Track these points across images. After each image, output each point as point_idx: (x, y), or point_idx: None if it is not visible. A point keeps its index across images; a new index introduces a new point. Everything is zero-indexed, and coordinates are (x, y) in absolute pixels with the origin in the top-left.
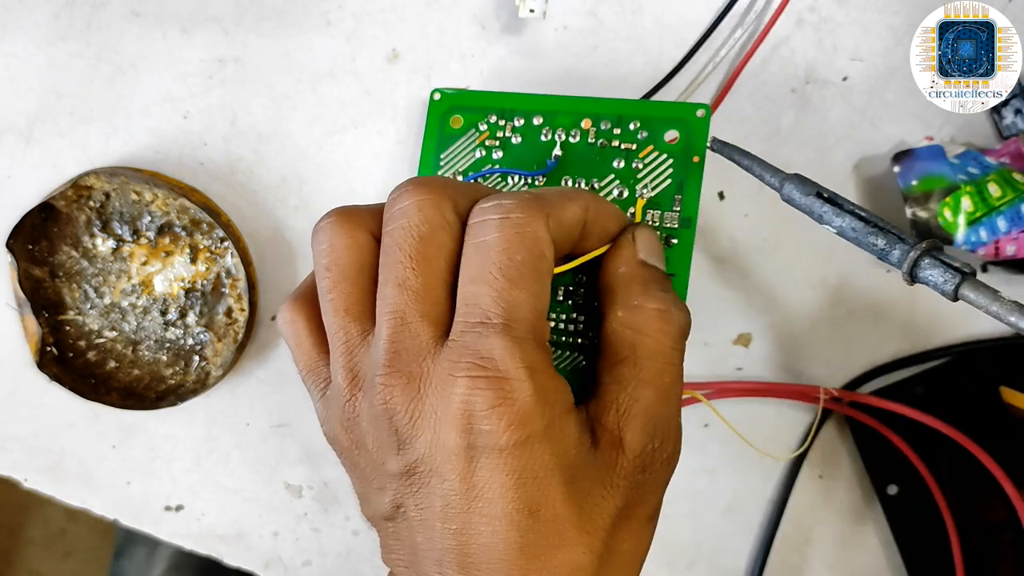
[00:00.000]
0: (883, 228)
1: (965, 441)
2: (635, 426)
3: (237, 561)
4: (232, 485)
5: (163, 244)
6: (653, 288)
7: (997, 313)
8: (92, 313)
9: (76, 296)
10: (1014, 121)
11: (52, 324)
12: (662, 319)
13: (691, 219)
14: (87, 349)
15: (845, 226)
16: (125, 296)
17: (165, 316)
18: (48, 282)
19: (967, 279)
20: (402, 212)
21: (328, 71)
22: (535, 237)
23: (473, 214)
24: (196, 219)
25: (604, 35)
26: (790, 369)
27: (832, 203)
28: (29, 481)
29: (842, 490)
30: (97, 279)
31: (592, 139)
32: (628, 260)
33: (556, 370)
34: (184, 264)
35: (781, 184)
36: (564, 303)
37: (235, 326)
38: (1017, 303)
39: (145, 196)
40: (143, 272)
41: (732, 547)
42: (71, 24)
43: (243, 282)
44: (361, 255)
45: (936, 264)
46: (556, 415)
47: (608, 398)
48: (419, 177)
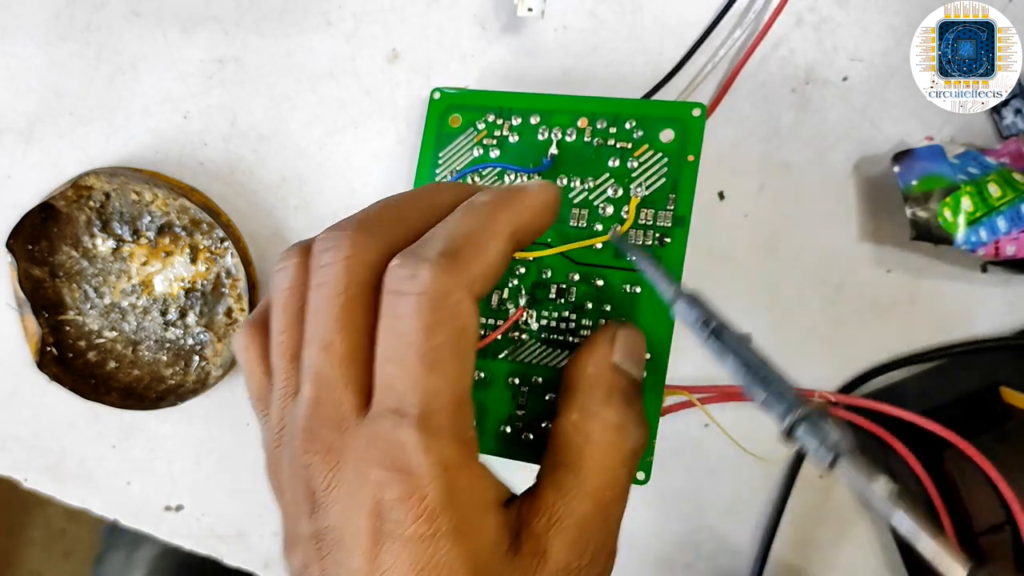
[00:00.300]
0: (768, 379)
1: (962, 443)
2: (564, 539)
3: (237, 561)
4: (232, 485)
5: (163, 244)
6: (616, 398)
7: (868, 500)
8: (92, 313)
9: (76, 296)
10: (1014, 121)
11: (52, 324)
12: (617, 434)
13: (685, 218)
14: (87, 349)
15: (727, 366)
16: (125, 296)
17: (165, 316)
18: (48, 282)
19: (843, 457)
20: (328, 271)
21: (328, 71)
22: (455, 312)
23: (387, 279)
24: (196, 219)
25: (604, 35)
26: (790, 369)
27: (717, 337)
28: (29, 481)
29: (842, 490)
30: (97, 279)
31: (588, 138)
32: (600, 360)
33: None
34: (184, 264)
35: (672, 300)
36: (555, 301)
37: (235, 326)
38: (892, 493)
39: (145, 196)
40: (143, 272)
41: (732, 547)
42: (71, 24)
43: (243, 282)
44: None
45: (814, 433)
46: (471, 513)
47: (542, 502)
48: (348, 223)
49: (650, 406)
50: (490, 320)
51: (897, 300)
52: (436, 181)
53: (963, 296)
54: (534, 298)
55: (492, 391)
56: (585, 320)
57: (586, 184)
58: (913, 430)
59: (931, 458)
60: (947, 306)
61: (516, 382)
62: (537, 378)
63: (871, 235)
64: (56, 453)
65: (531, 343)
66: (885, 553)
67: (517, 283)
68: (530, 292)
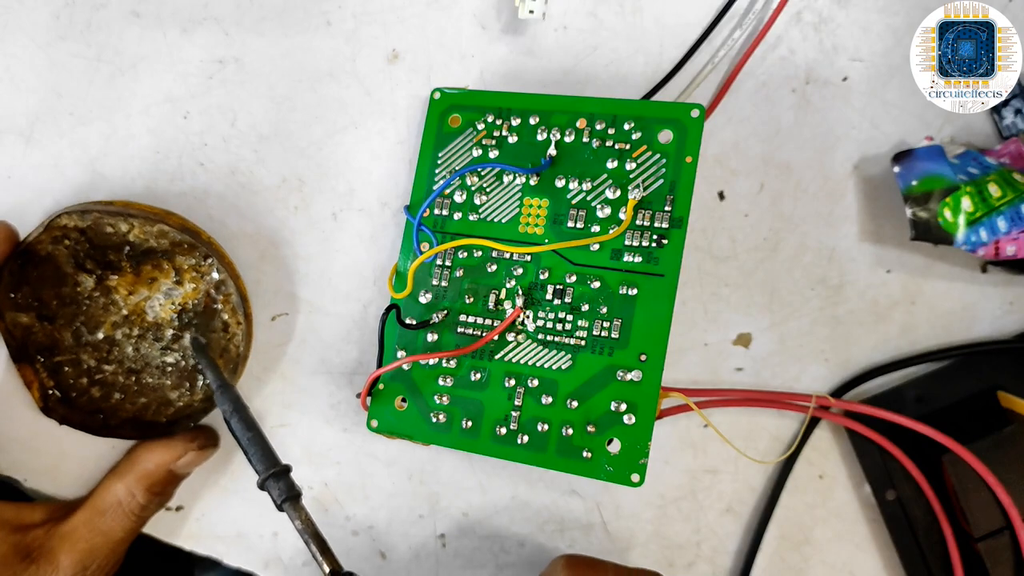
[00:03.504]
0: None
1: (959, 449)
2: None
3: (237, 561)
4: (232, 485)
5: (147, 271)
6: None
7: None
8: (88, 350)
9: (67, 336)
10: (1014, 121)
11: (50, 367)
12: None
13: (682, 219)
14: (89, 385)
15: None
16: (117, 328)
17: (161, 341)
18: (37, 327)
19: (286, 504)
20: None
21: (328, 71)
22: None
23: None
24: (176, 240)
25: (604, 35)
26: (789, 369)
27: (230, 418)
28: (29, 481)
29: (842, 491)
30: (85, 316)
31: (587, 138)
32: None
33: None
34: (171, 287)
35: (216, 391)
36: (552, 302)
37: (234, 340)
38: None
39: (121, 227)
40: (131, 302)
41: (732, 547)
42: (71, 24)
43: (235, 295)
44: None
45: (274, 486)
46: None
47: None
48: None
49: (646, 409)
50: (487, 320)
51: (897, 300)
52: (431, 184)
53: (963, 297)
54: (531, 299)
55: (488, 391)
56: (581, 321)
57: (584, 185)
58: (911, 435)
59: (929, 463)
60: (947, 306)
61: (512, 383)
62: (533, 379)
63: (871, 235)
64: (56, 454)
65: (527, 344)
66: (885, 555)
67: (514, 284)
68: (527, 293)
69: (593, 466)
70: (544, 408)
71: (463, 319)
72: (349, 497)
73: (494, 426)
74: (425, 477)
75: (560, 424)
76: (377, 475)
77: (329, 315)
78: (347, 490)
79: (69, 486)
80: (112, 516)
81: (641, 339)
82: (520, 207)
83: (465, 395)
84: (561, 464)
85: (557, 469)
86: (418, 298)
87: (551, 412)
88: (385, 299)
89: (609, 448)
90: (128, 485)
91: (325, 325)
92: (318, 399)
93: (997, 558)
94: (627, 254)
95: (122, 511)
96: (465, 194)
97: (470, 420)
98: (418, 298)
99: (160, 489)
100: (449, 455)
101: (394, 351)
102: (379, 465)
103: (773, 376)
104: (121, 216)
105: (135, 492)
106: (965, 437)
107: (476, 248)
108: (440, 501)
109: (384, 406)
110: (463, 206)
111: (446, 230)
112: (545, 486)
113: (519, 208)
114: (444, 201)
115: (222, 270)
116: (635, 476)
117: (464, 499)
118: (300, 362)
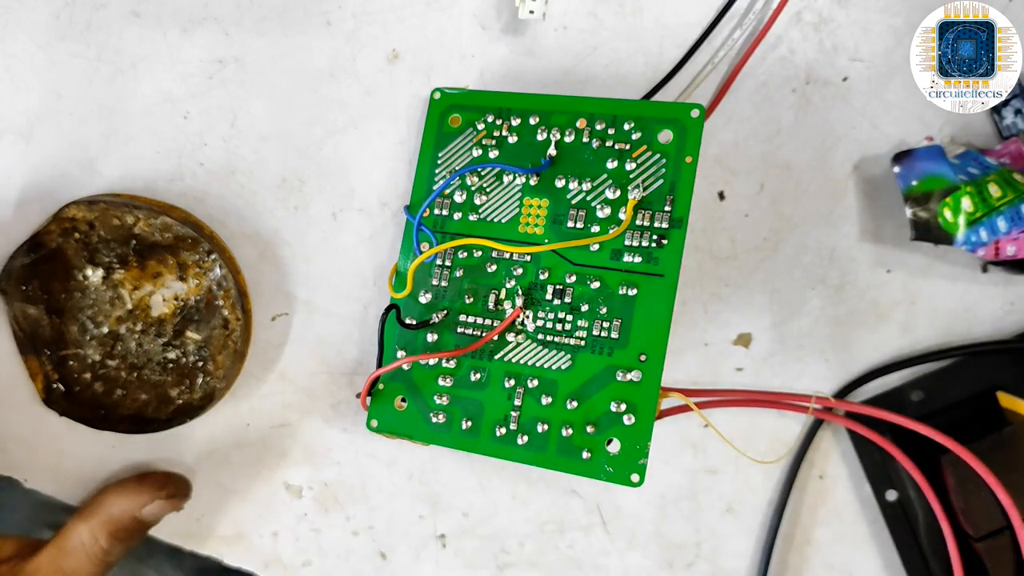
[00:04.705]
0: None
1: (959, 449)
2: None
3: (237, 561)
4: (232, 485)
5: (152, 266)
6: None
7: None
8: (93, 344)
9: (74, 329)
10: (1014, 121)
11: (55, 361)
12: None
13: (682, 219)
14: (93, 380)
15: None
16: (122, 322)
17: (163, 337)
18: (46, 319)
19: None
20: None
21: (328, 71)
22: None
23: None
24: (180, 235)
25: (604, 35)
26: (790, 369)
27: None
28: (29, 481)
29: (843, 491)
30: (92, 309)
31: (587, 138)
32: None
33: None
34: (175, 282)
35: None
36: (552, 302)
37: (232, 336)
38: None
39: (127, 220)
40: (135, 296)
41: (732, 547)
42: (71, 24)
43: (234, 291)
44: None
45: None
46: None
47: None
48: None
49: (646, 409)
50: (487, 320)
51: (897, 300)
52: (431, 184)
53: (963, 297)
54: (531, 299)
55: (488, 391)
56: (581, 321)
57: (584, 185)
58: (912, 435)
59: (929, 463)
60: (947, 306)
61: (512, 383)
62: (532, 379)
63: (871, 235)
64: (56, 453)
65: (527, 344)
66: (885, 555)
67: (514, 284)
68: (527, 293)
69: (593, 466)
70: (544, 408)
71: (463, 319)
72: (349, 497)
73: (494, 426)
74: (425, 477)
75: (560, 424)
76: (377, 475)
77: (329, 315)
78: (347, 490)
79: (69, 486)
80: (75, 558)
81: (641, 339)
82: (520, 207)
83: (465, 395)
84: (561, 464)
85: (557, 469)
86: (418, 298)
87: (551, 412)
88: (385, 299)
89: (609, 448)
90: (92, 529)
91: (325, 325)
92: (318, 399)
93: (997, 558)
94: (627, 254)
95: (85, 554)
96: (465, 194)
97: (470, 420)
98: (418, 298)
99: (125, 536)
100: (449, 455)
101: (394, 351)
102: (379, 465)
103: (773, 376)
104: (127, 208)
105: (98, 536)
106: (965, 437)
107: (476, 248)
108: (440, 501)
109: (384, 406)
110: (463, 206)
111: (446, 230)
112: (545, 486)
113: (519, 208)
114: (444, 201)
115: (223, 266)
116: (635, 476)
117: (464, 499)
118: (300, 362)
